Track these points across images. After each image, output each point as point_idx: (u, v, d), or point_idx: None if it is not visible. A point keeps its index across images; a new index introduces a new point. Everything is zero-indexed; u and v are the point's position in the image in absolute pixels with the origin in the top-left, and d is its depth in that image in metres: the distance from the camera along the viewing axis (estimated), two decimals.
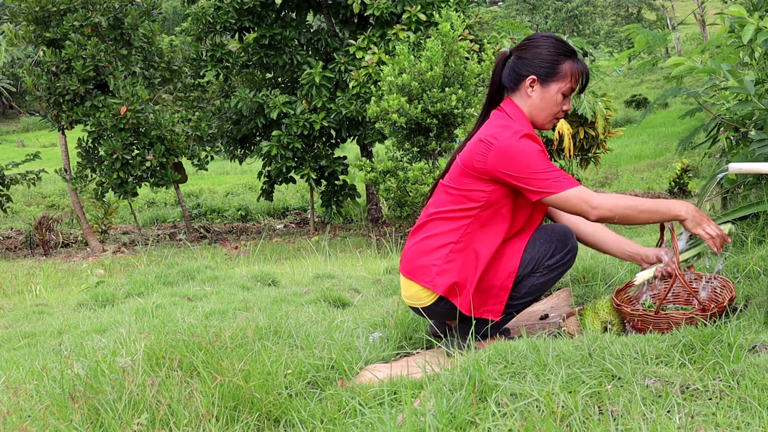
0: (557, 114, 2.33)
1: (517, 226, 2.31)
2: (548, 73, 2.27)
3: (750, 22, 2.86)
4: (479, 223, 2.26)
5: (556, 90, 2.28)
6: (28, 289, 7.13)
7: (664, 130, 22.04)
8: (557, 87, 2.28)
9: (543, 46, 2.28)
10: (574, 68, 2.28)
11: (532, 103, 2.29)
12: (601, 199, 2.16)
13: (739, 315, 2.24)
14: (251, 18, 11.73)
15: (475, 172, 2.23)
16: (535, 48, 2.28)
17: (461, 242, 2.25)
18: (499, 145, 2.18)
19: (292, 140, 11.16)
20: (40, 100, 10.80)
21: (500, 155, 2.18)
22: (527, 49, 2.30)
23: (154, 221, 15.49)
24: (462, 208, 2.26)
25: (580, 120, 11.40)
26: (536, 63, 2.27)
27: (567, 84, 2.28)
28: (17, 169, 12.64)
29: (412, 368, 2.07)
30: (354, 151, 18.10)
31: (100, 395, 1.90)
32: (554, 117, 2.33)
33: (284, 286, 4.82)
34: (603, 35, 40.71)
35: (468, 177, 2.25)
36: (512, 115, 2.28)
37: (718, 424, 1.51)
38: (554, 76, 2.27)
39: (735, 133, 3.64)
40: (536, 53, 2.28)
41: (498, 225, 2.27)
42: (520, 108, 2.30)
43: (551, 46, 2.28)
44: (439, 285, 2.26)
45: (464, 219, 2.26)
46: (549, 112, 2.31)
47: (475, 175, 2.24)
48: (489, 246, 2.26)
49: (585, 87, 2.35)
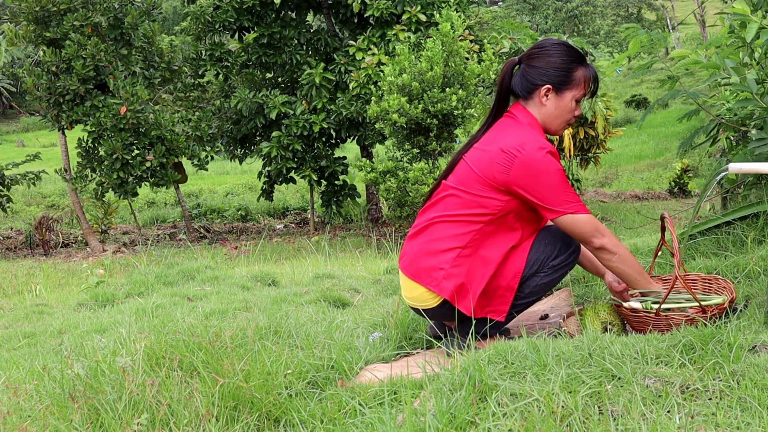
0: (570, 120, 2.34)
1: (526, 235, 2.32)
2: (562, 81, 2.27)
3: (753, 20, 2.86)
4: (489, 230, 2.25)
5: (570, 97, 2.29)
6: (28, 289, 7.14)
7: (664, 130, 22.05)
8: (571, 94, 2.29)
9: (555, 54, 2.28)
10: (586, 74, 2.29)
11: (546, 111, 2.30)
12: (610, 232, 2.25)
13: (739, 315, 2.24)
14: (250, 17, 11.73)
15: (494, 182, 2.22)
16: (548, 56, 2.28)
17: (469, 247, 2.25)
18: (524, 158, 2.18)
19: (292, 141, 11.16)
20: (40, 100, 10.80)
21: (523, 169, 2.18)
22: (539, 58, 2.29)
23: (154, 221, 15.49)
24: (473, 213, 2.25)
25: (580, 120, 11.40)
26: (550, 72, 2.27)
27: (580, 90, 2.29)
28: (17, 169, 12.64)
29: (412, 368, 2.07)
30: (354, 151, 18.11)
31: (100, 395, 1.90)
32: (567, 123, 2.35)
33: (284, 286, 4.82)
34: (603, 35, 40.70)
35: (484, 185, 2.24)
36: (526, 123, 2.28)
37: (718, 424, 1.51)
38: (568, 84, 2.27)
39: (735, 133, 3.64)
40: (549, 62, 2.27)
41: (508, 233, 2.27)
42: (533, 115, 2.30)
43: (563, 53, 2.28)
44: (445, 289, 2.25)
45: (474, 224, 2.25)
46: (563, 119, 2.32)
47: (493, 186, 2.22)
48: (498, 253, 2.26)
49: (596, 92, 2.36)
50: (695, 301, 2.17)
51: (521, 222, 2.28)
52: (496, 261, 2.25)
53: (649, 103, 16.93)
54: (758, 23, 2.85)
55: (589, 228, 2.21)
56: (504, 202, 2.23)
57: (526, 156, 2.17)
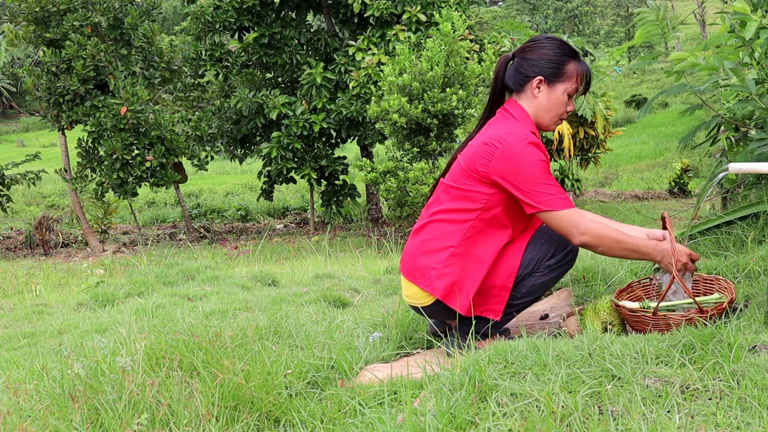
0: (562, 115, 2.33)
1: (518, 231, 2.31)
2: (555, 73, 2.27)
3: (753, 19, 2.86)
4: (480, 227, 2.26)
5: (562, 90, 2.28)
6: (28, 289, 7.13)
7: (664, 129, 22.04)
8: (563, 87, 2.28)
9: (548, 47, 2.29)
10: (579, 69, 2.29)
11: (538, 104, 2.30)
12: (589, 226, 2.17)
13: (739, 315, 2.24)
14: (251, 17, 11.73)
15: (477, 174, 2.23)
16: (540, 49, 2.29)
17: (461, 246, 2.26)
18: (504, 149, 2.18)
19: (292, 141, 11.16)
20: (40, 100, 10.81)
21: (504, 160, 2.18)
22: (532, 51, 2.30)
23: (154, 221, 15.49)
24: (461, 208, 2.26)
25: (580, 120, 11.40)
26: (542, 64, 2.27)
27: (572, 84, 2.29)
28: (17, 169, 12.64)
29: (412, 368, 2.07)
30: (354, 151, 18.11)
31: (100, 395, 1.89)
32: (559, 118, 2.34)
33: (284, 286, 4.82)
34: (603, 35, 40.72)
35: (469, 178, 2.25)
36: (518, 117, 2.28)
37: (718, 424, 1.51)
38: (561, 76, 2.28)
39: (735, 132, 3.64)
40: (542, 54, 2.28)
41: (499, 230, 2.27)
42: (524, 110, 2.31)
43: (556, 47, 2.29)
44: (437, 288, 2.26)
45: (464, 222, 2.26)
46: (555, 113, 2.31)
47: (477, 178, 2.24)
48: (490, 251, 2.26)
49: (588, 88, 2.36)
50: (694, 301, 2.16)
51: (511, 218, 2.27)
52: (489, 260, 2.25)
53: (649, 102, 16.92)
54: (757, 22, 2.85)
55: (567, 224, 2.17)
56: (488, 195, 2.23)
57: (507, 146, 2.18)
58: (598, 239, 2.16)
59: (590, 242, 2.17)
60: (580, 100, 10.77)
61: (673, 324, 2.12)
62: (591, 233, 2.16)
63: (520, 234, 2.33)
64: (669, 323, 2.14)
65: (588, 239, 2.16)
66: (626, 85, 31.02)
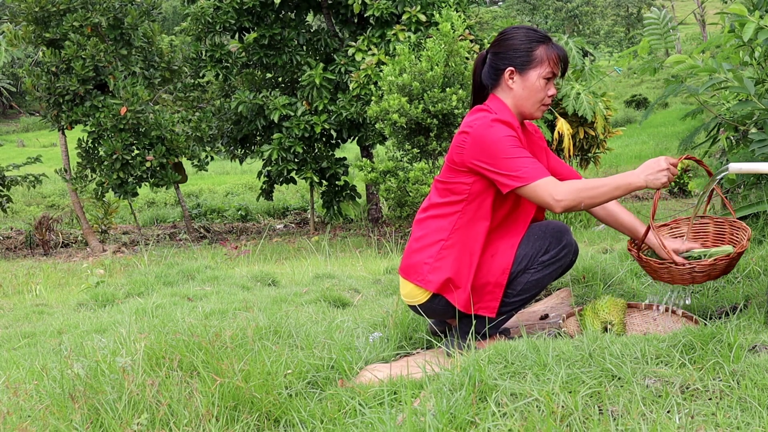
0: (544, 100, 2.32)
1: (498, 218, 2.30)
2: (524, 61, 2.28)
3: (750, 21, 2.86)
4: (466, 218, 2.28)
5: (536, 76, 2.29)
6: (28, 289, 7.13)
7: (664, 130, 22.04)
8: (536, 73, 2.28)
9: (515, 37, 2.31)
10: (549, 52, 2.29)
11: (515, 94, 2.31)
12: (562, 190, 2.12)
13: (739, 315, 2.24)
14: (251, 18, 11.73)
15: (456, 165, 2.27)
16: (508, 40, 2.31)
17: (451, 239, 2.28)
18: (474, 133, 2.21)
19: (293, 143, 11.16)
20: (40, 100, 10.80)
21: (474, 144, 2.20)
22: (501, 44, 2.33)
23: (154, 221, 15.49)
24: (447, 201, 2.29)
25: (580, 120, 11.39)
26: (511, 54, 2.30)
27: (546, 68, 2.29)
28: (18, 171, 12.65)
29: (412, 368, 2.07)
30: (354, 151, 18.11)
31: (100, 395, 1.89)
32: (541, 104, 2.33)
33: (284, 286, 4.82)
34: (603, 35, 40.72)
35: (451, 171, 2.30)
36: (496, 110, 2.30)
37: (718, 424, 1.51)
38: (531, 63, 2.28)
39: (735, 133, 3.64)
40: (510, 45, 2.30)
41: (482, 219, 2.28)
42: (503, 102, 2.33)
43: (523, 35, 2.31)
44: (431, 282, 2.27)
45: (452, 215, 2.28)
46: (535, 100, 2.31)
47: (456, 168, 2.27)
48: (476, 240, 2.27)
49: (566, 70, 2.35)
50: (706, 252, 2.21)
51: (494, 203, 2.27)
52: (477, 248, 2.26)
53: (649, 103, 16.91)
54: (755, 23, 2.86)
55: (544, 194, 2.12)
56: (469, 184, 2.25)
57: (475, 129, 2.21)
58: (576, 197, 2.10)
59: (571, 203, 2.11)
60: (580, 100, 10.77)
61: (697, 273, 2.18)
62: (567, 195, 2.11)
63: (511, 226, 2.32)
64: (692, 273, 2.18)
65: (567, 202, 2.11)
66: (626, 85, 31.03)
